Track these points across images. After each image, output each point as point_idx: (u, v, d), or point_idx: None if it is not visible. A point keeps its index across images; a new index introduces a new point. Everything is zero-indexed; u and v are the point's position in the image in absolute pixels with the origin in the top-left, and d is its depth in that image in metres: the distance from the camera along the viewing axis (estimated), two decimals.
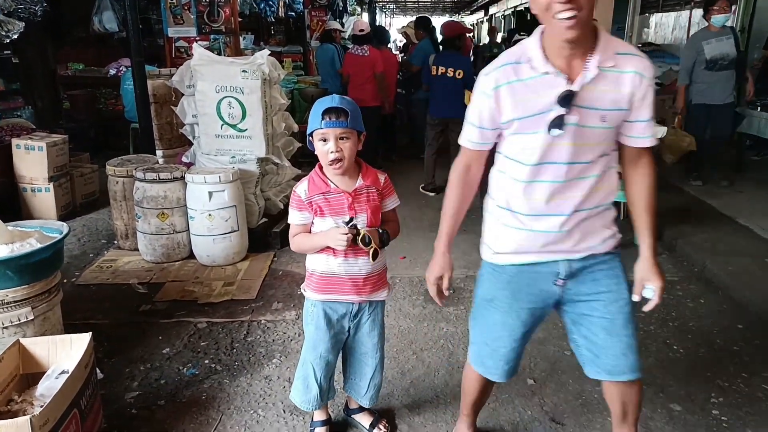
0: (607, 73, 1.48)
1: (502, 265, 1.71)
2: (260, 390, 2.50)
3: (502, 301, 1.73)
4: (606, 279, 1.65)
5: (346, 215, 1.82)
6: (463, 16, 34.97)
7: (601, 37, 1.48)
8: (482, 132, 1.62)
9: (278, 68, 4.22)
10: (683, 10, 9.25)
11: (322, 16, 10.42)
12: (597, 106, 1.50)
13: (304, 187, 1.84)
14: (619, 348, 1.66)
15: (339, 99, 1.75)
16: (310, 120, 1.78)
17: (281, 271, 3.71)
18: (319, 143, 1.77)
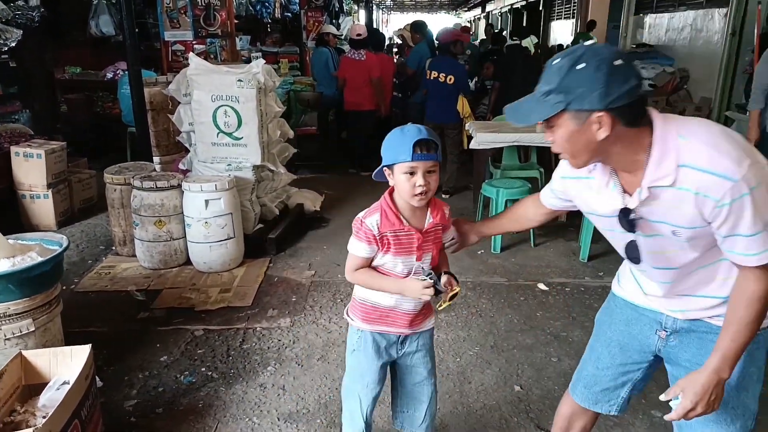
0: (664, 190, 1.29)
1: (615, 294, 1.73)
2: (255, 398, 2.58)
3: (600, 327, 1.75)
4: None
5: (413, 255, 1.70)
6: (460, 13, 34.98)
7: (655, 149, 1.27)
8: (556, 196, 1.67)
9: (273, 76, 4.28)
10: (677, 12, 9.31)
11: (319, 17, 10.47)
12: (663, 219, 1.35)
13: (377, 219, 1.67)
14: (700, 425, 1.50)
15: (426, 130, 1.60)
16: (391, 150, 1.62)
17: (277, 278, 3.78)
18: (404, 176, 1.60)
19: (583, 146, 1.29)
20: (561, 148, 1.32)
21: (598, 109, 1.22)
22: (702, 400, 1.36)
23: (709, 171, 1.22)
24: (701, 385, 1.36)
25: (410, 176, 1.60)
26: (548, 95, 1.25)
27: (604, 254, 4.15)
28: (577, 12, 13.73)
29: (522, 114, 1.33)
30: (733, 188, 1.20)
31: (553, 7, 16.78)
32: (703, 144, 1.24)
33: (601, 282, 3.74)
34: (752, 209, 1.22)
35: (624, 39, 11.30)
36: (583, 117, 1.24)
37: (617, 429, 2.38)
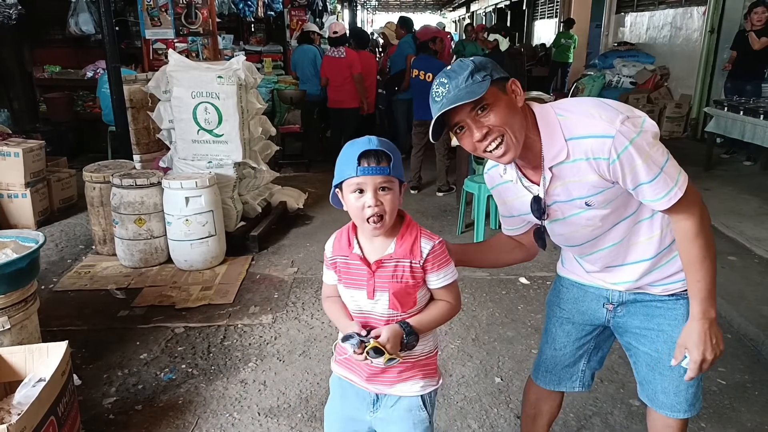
0: (563, 166, 1.38)
1: (560, 276, 1.77)
2: (236, 393, 2.56)
3: (551, 309, 1.79)
4: (660, 318, 1.55)
5: (362, 291, 1.40)
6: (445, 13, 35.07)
7: (542, 130, 1.38)
8: (504, 218, 1.68)
9: (254, 73, 4.27)
10: (657, 10, 9.43)
11: (302, 16, 10.44)
12: (574, 196, 1.42)
13: (331, 242, 1.49)
14: (660, 385, 1.60)
15: (377, 140, 1.35)
16: (338, 167, 1.37)
17: (259, 275, 3.77)
18: (352, 195, 1.35)
19: (517, 117, 1.34)
20: (503, 124, 1.31)
21: (508, 77, 1.35)
22: (707, 347, 1.42)
23: (588, 136, 1.34)
24: (698, 334, 1.42)
25: (359, 195, 1.34)
26: (472, 76, 1.29)
27: None
28: (560, 11, 13.83)
29: (465, 96, 1.28)
30: (615, 143, 1.31)
31: (537, 7, 16.89)
32: (576, 116, 1.37)
33: None
34: (641, 157, 1.31)
35: (606, 37, 11.43)
36: (503, 86, 1.34)
37: (596, 418, 2.41)
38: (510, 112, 1.32)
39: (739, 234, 4.35)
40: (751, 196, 5.33)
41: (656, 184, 1.34)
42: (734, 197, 5.35)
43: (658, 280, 1.53)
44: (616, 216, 1.46)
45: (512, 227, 1.67)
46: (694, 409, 1.61)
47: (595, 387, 2.59)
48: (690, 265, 1.42)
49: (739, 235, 4.33)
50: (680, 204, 1.36)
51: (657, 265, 1.52)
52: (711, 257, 1.40)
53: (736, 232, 4.38)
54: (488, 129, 1.31)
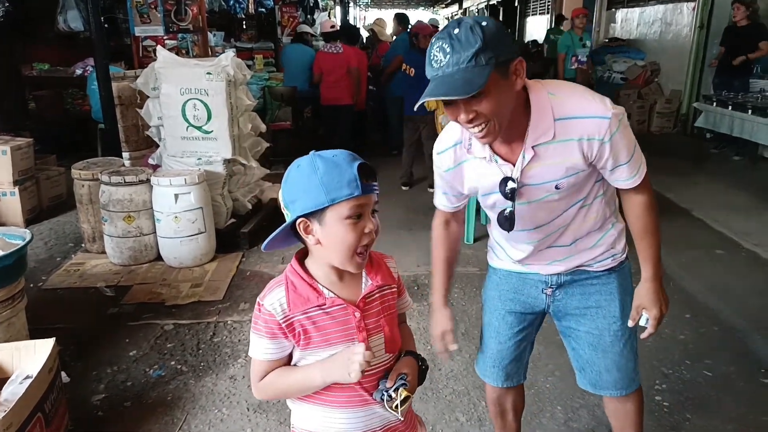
0: (548, 146, 1.36)
1: (495, 268, 1.75)
2: (225, 389, 2.57)
3: (490, 303, 1.75)
4: (597, 295, 1.62)
5: (352, 340, 1.14)
6: (437, 10, 35.05)
7: (534, 109, 1.34)
8: (448, 197, 1.62)
9: (244, 69, 4.26)
10: (647, 6, 9.46)
11: (293, 12, 10.41)
12: (547, 179, 1.41)
13: (279, 297, 1.13)
14: (603, 364, 1.65)
15: (356, 155, 1.12)
16: (314, 187, 1.06)
17: (249, 272, 3.77)
18: (345, 222, 1.07)
19: (510, 102, 1.29)
20: (492, 113, 1.26)
21: (515, 56, 1.26)
22: (662, 303, 1.57)
23: (586, 116, 1.33)
24: (653, 292, 1.56)
25: (355, 221, 1.08)
26: (476, 57, 1.19)
27: None
28: (551, 8, 13.85)
29: (462, 85, 1.20)
30: (611, 124, 1.33)
31: (529, 3, 16.91)
32: (570, 96, 1.37)
33: None
34: (625, 138, 1.38)
35: (597, 33, 11.46)
36: (507, 69, 1.26)
37: (583, 410, 2.42)
38: (503, 100, 1.27)
39: (728, 228, 4.38)
40: (740, 191, 5.37)
41: (632, 164, 1.42)
42: (723, 192, 5.40)
43: (594, 257, 1.59)
44: (569, 201, 1.49)
45: (454, 204, 1.63)
46: (635, 383, 1.69)
47: None
48: (645, 234, 1.54)
49: (727, 229, 4.37)
50: (643, 180, 1.47)
51: (590, 244, 1.58)
52: (658, 231, 1.56)
53: (724, 226, 4.42)
54: (475, 114, 1.26)
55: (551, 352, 2.83)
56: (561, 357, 2.78)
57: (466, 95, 1.20)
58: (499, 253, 1.71)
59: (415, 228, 4.53)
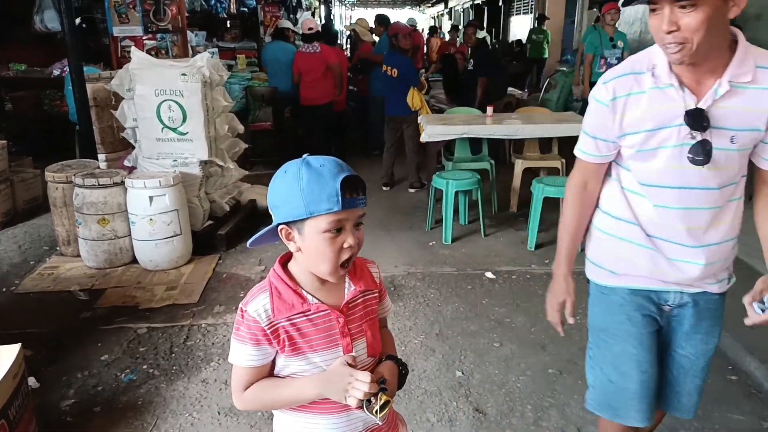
0: (741, 90, 1.33)
1: (613, 287, 1.56)
2: (196, 393, 2.55)
3: (618, 328, 1.55)
4: (707, 320, 1.54)
5: (338, 348, 1.15)
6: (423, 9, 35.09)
7: (739, 50, 1.32)
8: (596, 143, 1.48)
9: (220, 70, 4.23)
10: (627, 6, 9.54)
11: (276, 12, 10.36)
12: (726, 125, 1.34)
13: (264, 303, 1.11)
14: (686, 388, 1.59)
15: (343, 162, 1.11)
16: (297, 196, 1.05)
17: (225, 274, 3.75)
18: (325, 235, 1.06)
19: (716, 28, 1.24)
20: (694, 31, 1.22)
21: None
22: None
23: None
24: None
25: (334, 235, 1.07)
26: None
27: (551, 242, 4.24)
28: (535, 7, 13.93)
29: None
30: None
31: (512, 3, 17.00)
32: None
33: (546, 269, 3.82)
34: None
35: (579, 33, 11.54)
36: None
37: (553, 410, 2.44)
38: (712, 23, 1.22)
39: None
40: None
41: None
42: None
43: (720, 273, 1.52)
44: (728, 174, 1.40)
45: (601, 153, 1.49)
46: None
47: (553, 379, 2.64)
48: None
49: None
50: None
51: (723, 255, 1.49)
52: None
53: None
54: (677, 29, 1.23)
55: (523, 352, 2.85)
56: (533, 357, 2.82)
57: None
58: (623, 266, 1.53)
59: (393, 229, 4.53)
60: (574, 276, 1.59)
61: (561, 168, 4.85)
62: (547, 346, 2.89)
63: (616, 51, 6.17)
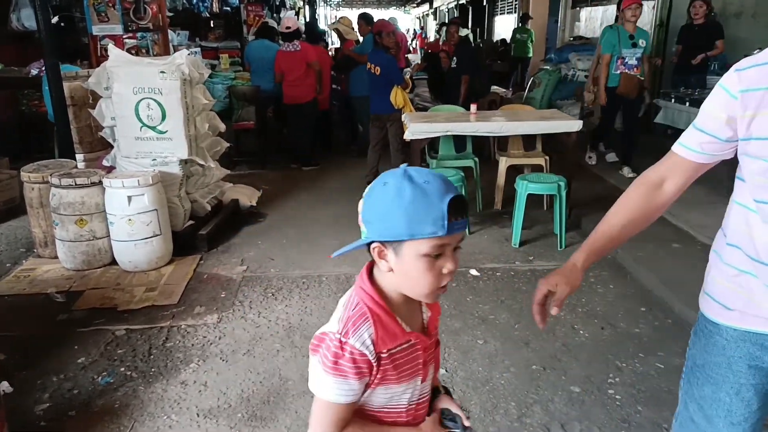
0: None
1: (719, 324, 1.31)
2: (175, 395, 2.50)
3: (715, 370, 1.32)
4: None
5: (418, 377, 1.09)
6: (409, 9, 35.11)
7: None
8: (702, 137, 1.23)
9: (201, 68, 4.18)
10: (610, 5, 9.61)
11: (259, 11, 10.30)
12: None
13: (370, 334, 1.00)
14: None
15: (449, 180, 1.00)
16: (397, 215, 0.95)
17: (206, 275, 3.69)
18: (423, 259, 0.97)
19: None
20: None
21: None
22: None
23: None
24: None
25: (434, 260, 0.97)
26: None
27: (535, 239, 4.25)
28: (518, 7, 13.98)
29: None
30: None
31: (497, 3, 17.05)
32: None
33: (531, 266, 3.82)
34: None
35: (562, 32, 11.61)
36: None
37: (537, 406, 2.42)
38: None
39: (685, 222, 4.45)
40: (697, 185, 5.37)
41: None
42: None
43: None
44: None
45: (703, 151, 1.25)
46: None
47: (537, 375, 2.63)
48: None
49: (684, 223, 4.44)
50: None
51: None
52: None
53: (681, 221, 4.48)
54: None
55: (507, 348, 2.84)
56: (516, 353, 2.80)
57: None
58: (733, 303, 1.26)
59: None
60: (584, 271, 1.34)
61: (545, 165, 4.85)
62: (530, 343, 2.87)
63: (636, 50, 5.51)
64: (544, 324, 1.33)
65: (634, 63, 5.50)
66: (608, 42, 5.60)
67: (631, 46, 5.49)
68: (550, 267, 3.81)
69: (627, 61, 5.51)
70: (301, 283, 3.57)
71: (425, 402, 1.15)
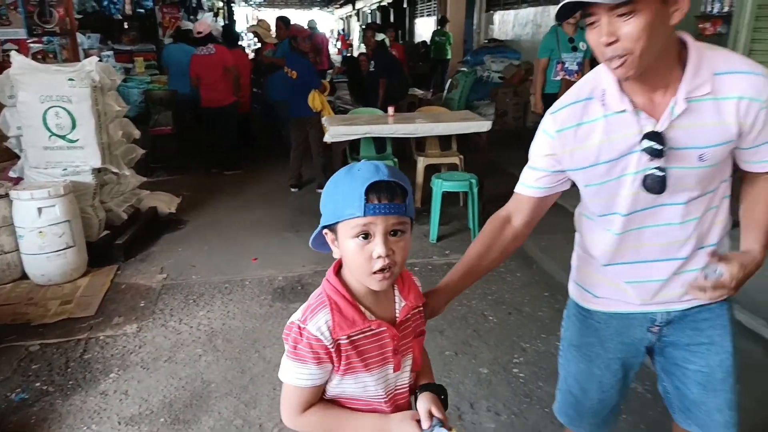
0: (701, 103, 1.18)
1: (589, 310, 1.50)
2: (95, 406, 2.49)
3: (587, 350, 1.52)
4: (710, 329, 1.41)
5: (389, 366, 1.14)
6: (333, 10, 35.15)
7: (691, 59, 1.18)
8: (537, 174, 1.37)
9: (112, 74, 4.11)
10: (521, 9, 10.12)
11: (175, 13, 10.05)
12: (691, 144, 1.20)
13: (326, 320, 1.07)
14: (714, 404, 1.44)
15: (387, 168, 1.05)
16: (330, 200, 1.07)
17: (124, 285, 3.64)
18: (353, 241, 1.04)
19: (660, 36, 1.12)
20: (636, 40, 1.10)
21: None
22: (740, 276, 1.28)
23: (749, 72, 1.18)
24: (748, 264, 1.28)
25: (363, 241, 1.03)
26: None
27: (452, 234, 4.48)
28: (437, 10, 14.40)
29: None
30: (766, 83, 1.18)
31: (417, 5, 17.45)
32: (730, 52, 1.22)
33: (447, 259, 4.04)
34: None
35: (478, 35, 12.09)
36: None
37: (449, 389, 2.57)
38: (653, 29, 1.10)
39: None
40: None
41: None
42: None
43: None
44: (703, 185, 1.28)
45: (543, 186, 1.37)
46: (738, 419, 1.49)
47: (449, 360, 2.82)
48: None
49: None
50: None
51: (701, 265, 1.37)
52: None
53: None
54: (617, 39, 1.11)
55: None
56: (432, 341, 2.96)
57: (611, 1, 1.07)
58: (601, 291, 1.46)
59: (302, 229, 4.59)
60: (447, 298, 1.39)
61: (459, 164, 5.10)
62: (445, 331, 3.06)
63: (576, 55, 5.15)
64: None
65: (574, 68, 5.18)
66: (546, 46, 5.28)
67: (571, 49, 5.16)
68: None
69: (567, 66, 5.19)
70: (224, 288, 3.60)
71: (404, 394, 1.18)
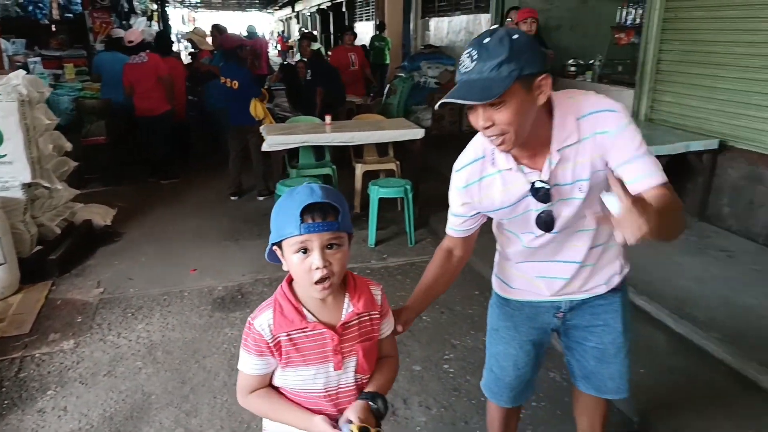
0: (572, 148, 1.41)
1: (506, 299, 1.77)
2: (32, 424, 2.50)
3: (505, 332, 1.79)
4: (604, 314, 1.71)
5: (329, 364, 1.28)
6: (272, 12, 34.82)
7: (557, 116, 1.39)
8: (461, 220, 1.62)
9: (40, 87, 4.04)
10: (454, 16, 10.46)
11: (106, 18, 9.78)
12: (574, 179, 1.44)
13: (268, 319, 1.26)
14: (607, 373, 1.77)
15: (320, 189, 1.20)
16: (276, 221, 1.23)
17: (60, 300, 3.60)
18: (295, 256, 1.20)
19: (529, 116, 1.32)
20: (508, 124, 1.30)
21: (541, 71, 1.30)
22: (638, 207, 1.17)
23: (597, 110, 1.39)
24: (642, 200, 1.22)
25: (303, 255, 1.20)
26: (500, 67, 1.25)
27: (389, 238, 4.65)
28: (375, 15, 14.59)
29: (479, 91, 1.26)
30: (617, 117, 1.38)
31: (355, 9, 17.60)
32: (584, 95, 1.44)
33: (384, 263, 4.20)
34: (637, 135, 1.38)
35: (415, 40, 12.36)
36: (530, 82, 1.29)
37: None
38: (522, 113, 1.29)
39: None
40: None
41: (648, 158, 1.39)
42: None
43: (603, 280, 1.67)
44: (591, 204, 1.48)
45: (467, 227, 1.64)
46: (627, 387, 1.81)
47: None
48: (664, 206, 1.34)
49: None
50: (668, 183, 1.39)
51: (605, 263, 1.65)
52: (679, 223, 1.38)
53: None
54: (492, 123, 1.30)
55: None
56: None
57: (481, 101, 1.26)
58: (516, 283, 1.73)
59: (242, 238, 4.64)
60: (415, 312, 1.62)
61: (396, 169, 5.28)
62: None
63: None
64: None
65: None
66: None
67: None
68: (401, 262, 4.22)
69: None
70: (162, 300, 3.62)
71: (348, 393, 1.32)
